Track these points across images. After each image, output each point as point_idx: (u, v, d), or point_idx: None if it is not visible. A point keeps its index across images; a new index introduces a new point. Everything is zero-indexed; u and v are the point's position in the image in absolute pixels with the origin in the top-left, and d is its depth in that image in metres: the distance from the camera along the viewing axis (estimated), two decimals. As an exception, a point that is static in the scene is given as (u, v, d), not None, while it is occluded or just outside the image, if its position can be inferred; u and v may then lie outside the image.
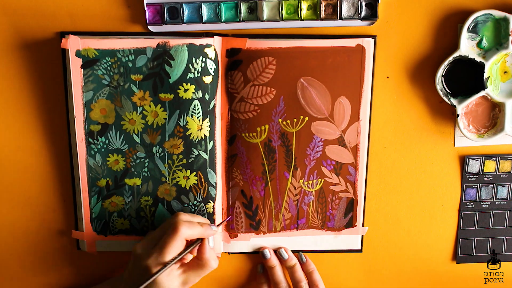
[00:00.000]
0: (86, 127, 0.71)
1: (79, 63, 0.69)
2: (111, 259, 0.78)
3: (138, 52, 0.69)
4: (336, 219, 0.77)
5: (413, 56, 0.73)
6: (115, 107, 0.71)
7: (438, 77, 0.71)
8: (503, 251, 0.80)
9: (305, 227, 0.77)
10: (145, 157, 0.72)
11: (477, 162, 0.76)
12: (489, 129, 0.74)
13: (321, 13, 0.69)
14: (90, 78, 0.70)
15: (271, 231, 0.76)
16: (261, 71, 0.71)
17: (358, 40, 0.70)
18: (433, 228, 0.79)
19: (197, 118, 0.71)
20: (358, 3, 0.69)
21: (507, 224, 0.79)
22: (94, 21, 0.70)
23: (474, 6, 0.71)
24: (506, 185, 0.78)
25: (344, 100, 0.72)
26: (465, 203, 0.78)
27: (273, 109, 0.72)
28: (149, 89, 0.70)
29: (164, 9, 0.68)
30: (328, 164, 0.74)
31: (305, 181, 0.75)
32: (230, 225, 0.76)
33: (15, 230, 0.76)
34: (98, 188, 0.73)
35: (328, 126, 0.73)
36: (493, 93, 0.72)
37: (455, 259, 0.80)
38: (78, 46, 0.69)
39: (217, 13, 0.69)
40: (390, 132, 0.75)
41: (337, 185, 0.75)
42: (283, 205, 0.76)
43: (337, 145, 0.74)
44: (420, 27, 0.72)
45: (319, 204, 0.76)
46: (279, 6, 0.69)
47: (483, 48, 0.71)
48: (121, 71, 0.69)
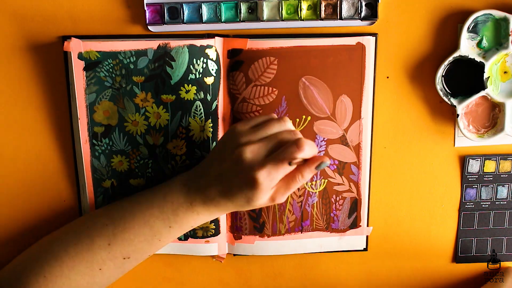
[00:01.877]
0: (89, 129, 0.70)
1: (81, 65, 0.68)
2: None
3: (139, 53, 0.68)
4: (340, 220, 0.75)
5: (413, 56, 0.72)
6: (118, 108, 0.69)
7: (438, 77, 0.70)
8: (503, 251, 0.79)
9: (310, 229, 0.75)
10: (149, 158, 0.71)
11: (477, 162, 0.75)
12: (489, 129, 0.73)
13: (321, 13, 0.68)
14: (92, 80, 0.68)
15: (275, 234, 0.75)
16: (263, 72, 0.70)
17: (358, 38, 0.69)
18: (433, 228, 0.77)
19: (199, 119, 0.70)
20: (358, 3, 0.68)
21: (507, 224, 0.78)
22: (95, 23, 0.69)
23: (474, 6, 0.70)
24: (506, 185, 0.76)
25: (346, 99, 0.71)
26: (465, 203, 0.77)
27: (275, 109, 0.71)
28: (151, 91, 0.69)
29: (164, 9, 0.67)
30: (331, 164, 0.73)
31: (309, 182, 0.73)
32: (235, 227, 0.75)
33: (19, 234, 0.74)
34: (103, 189, 0.72)
35: (330, 125, 0.72)
36: (493, 93, 0.71)
37: (455, 259, 0.79)
38: (80, 49, 0.67)
39: (217, 13, 0.68)
40: (390, 132, 0.74)
41: (340, 185, 0.74)
42: (287, 207, 0.74)
43: (339, 144, 0.72)
44: (420, 27, 0.71)
45: (323, 205, 0.74)
46: (279, 6, 0.68)
47: (483, 48, 0.70)
48: (123, 72, 0.68)
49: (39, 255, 0.64)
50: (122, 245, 0.64)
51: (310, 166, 0.59)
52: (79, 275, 0.63)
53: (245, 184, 0.58)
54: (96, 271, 0.64)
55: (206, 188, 0.62)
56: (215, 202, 0.62)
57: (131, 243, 0.64)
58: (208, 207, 0.63)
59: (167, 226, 0.64)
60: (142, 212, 0.64)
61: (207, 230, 0.73)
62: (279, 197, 0.61)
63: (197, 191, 0.62)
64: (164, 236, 0.65)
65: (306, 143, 0.58)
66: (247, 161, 0.58)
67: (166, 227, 0.64)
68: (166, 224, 0.64)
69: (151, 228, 0.64)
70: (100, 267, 0.64)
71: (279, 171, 0.58)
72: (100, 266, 0.64)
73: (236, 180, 0.59)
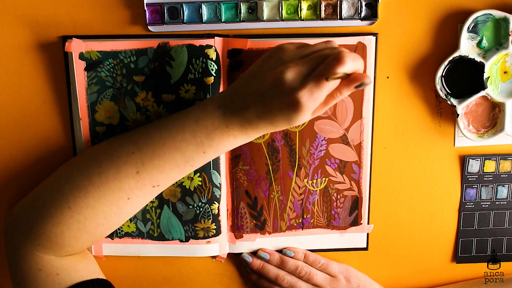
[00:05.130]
0: (91, 129, 0.68)
1: (82, 66, 0.67)
2: (119, 265, 0.75)
3: (139, 53, 0.67)
4: (341, 217, 0.74)
5: (413, 56, 0.70)
6: (119, 108, 0.68)
7: (438, 77, 0.69)
8: (503, 251, 0.77)
9: (311, 226, 0.74)
10: None
11: (477, 162, 0.74)
12: (489, 129, 0.72)
13: (321, 13, 0.67)
14: (93, 80, 0.67)
15: (276, 231, 0.74)
16: (263, 71, 0.68)
17: (359, 38, 0.68)
18: (433, 228, 0.76)
19: (199, 119, 0.68)
20: (358, 3, 0.67)
21: (507, 224, 0.76)
22: (95, 23, 0.68)
23: (474, 6, 0.68)
24: (506, 185, 0.75)
25: (347, 98, 0.69)
26: (465, 203, 0.75)
27: None
28: (151, 90, 0.68)
29: (164, 9, 0.66)
30: (332, 163, 0.72)
31: (309, 180, 0.72)
32: (236, 226, 0.73)
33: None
34: None
35: (331, 124, 0.70)
36: (493, 93, 0.70)
37: (455, 259, 0.77)
38: (81, 49, 0.66)
39: (217, 13, 0.67)
40: (390, 132, 0.72)
41: (341, 183, 0.72)
42: (287, 205, 0.73)
43: (340, 143, 0.71)
44: (420, 27, 0.69)
45: (323, 203, 0.73)
46: (279, 6, 0.67)
47: (483, 48, 0.69)
48: (124, 72, 0.67)
49: (62, 185, 0.60)
50: (151, 173, 0.59)
51: (349, 85, 0.53)
52: (106, 205, 0.59)
53: (287, 106, 0.53)
54: (124, 200, 0.60)
55: (244, 110, 0.56)
56: (253, 124, 0.56)
57: (162, 171, 0.59)
58: (246, 129, 0.57)
59: (201, 151, 0.59)
60: (173, 138, 0.59)
61: (208, 230, 0.72)
62: (318, 112, 0.56)
63: (234, 113, 0.57)
64: (197, 161, 0.60)
65: (348, 56, 0.52)
66: (288, 81, 0.53)
67: (200, 152, 0.59)
68: (200, 149, 0.58)
69: (183, 154, 0.59)
70: (128, 196, 0.60)
71: (322, 90, 0.53)
72: (128, 195, 0.60)
73: (277, 102, 0.54)
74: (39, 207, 0.60)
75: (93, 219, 0.59)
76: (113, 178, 0.59)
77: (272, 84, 0.54)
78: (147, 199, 0.61)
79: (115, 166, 0.59)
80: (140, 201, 0.61)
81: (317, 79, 0.52)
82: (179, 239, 0.71)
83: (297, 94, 0.52)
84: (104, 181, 0.59)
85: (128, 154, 0.59)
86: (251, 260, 0.72)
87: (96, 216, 0.59)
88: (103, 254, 0.73)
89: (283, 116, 0.54)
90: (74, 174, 0.60)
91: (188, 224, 0.71)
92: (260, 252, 0.73)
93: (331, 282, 0.71)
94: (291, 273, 0.71)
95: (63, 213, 0.59)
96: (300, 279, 0.71)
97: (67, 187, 0.59)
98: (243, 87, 0.57)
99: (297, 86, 0.52)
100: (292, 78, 0.53)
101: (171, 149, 0.58)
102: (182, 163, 0.59)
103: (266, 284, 0.72)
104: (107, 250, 0.73)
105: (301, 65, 0.53)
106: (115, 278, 0.75)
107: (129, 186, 0.59)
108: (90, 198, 0.59)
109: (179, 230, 0.71)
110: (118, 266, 0.75)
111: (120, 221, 0.62)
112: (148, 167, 0.59)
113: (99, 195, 0.59)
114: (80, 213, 0.59)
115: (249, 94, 0.56)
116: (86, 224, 0.59)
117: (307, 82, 0.52)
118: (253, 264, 0.72)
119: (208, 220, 0.71)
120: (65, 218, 0.59)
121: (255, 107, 0.55)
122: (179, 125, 0.59)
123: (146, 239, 0.72)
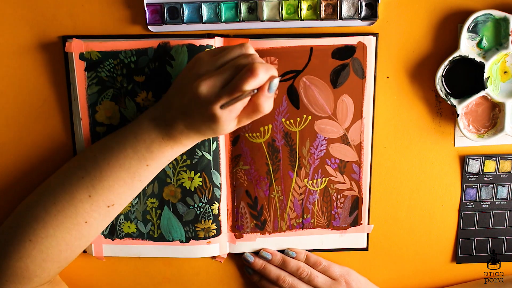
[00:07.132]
0: (92, 129, 0.68)
1: (83, 66, 0.66)
2: (119, 266, 0.74)
3: (139, 53, 0.66)
4: (342, 217, 0.73)
5: (413, 56, 0.70)
6: (119, 108, 0.68)
7: (438, 77, 0.68)
8: (503, 251, 0.76)
9: (311, 226, 0.73)
10: None
11: (477, 162, 0.73)
12: (489, 129, 0.71)
13: (321, 13, 0.66)
14: (94, 81, 0.67)
15: (276, 231, 0.73)
16: (263, 71, 0.67)
17: (359, 38, 0.67)
18: (433, 228, 0.75)
19: (200, 119, 0.67)
20: (358, 3, 0.66)
21: (507, 224, 0.75)
22: (95, 23, 0.67)
23: (474, 6, 0.68)
24: (506, 185, 0.74)
25: (347, 98, 0.69)
26: (465, 203, 0.74)
27: (276, 109, 0.69)
28: (152, 90, 0.67)
29: (164, 9, 0.66)
30: (332, 163, 0.71)
31: (310, 180, 0.71)
32: (236, 226, 0.72)
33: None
34: None
35: (332, 124, 0.70)
36: (493, 93, 0.69)
37: (455, 259, 0.76)
38: (81, 49, 0.66)
39: (217, 13, 0.66)
40: (390, 132, 0.72)
41: (341, 183, 0.72)
42: (288, 204, 0.72)
43: (340, 143, 0.70)
44: (420, 27, 0.69)
45: (324, 203, 0.72)
46: (279, 6, 0.66)
47: (483, 48, 0.68)
48: (124, 72, 0.66)
49: (20, 220, 0.61)
50: (103, 194, 0.60)
51: (263, 91, 0.54)
52: (66, 232, 0.60)
53: (207, 118, 0.55)
54: (82, 224, 0.60)
55: (173, 122, 0.58)
56: (184, 134, 0.58)
57: (112, 190, 0.60)
58: (180, 139, 0.59)
59: (144, 165, 0.60)
60: (116, 157, 0.60)
61: (209, 230, 0.71)
62: (244, 121, 0.57)
63: (165, 125, 0.59)
64: (144, 175, 0.61)
65: (261, 67, 0.53)
66: (203, 95, 0.54)
67: (143, 166, 0.60)
68: (142, 163, 0.60)
69: (128, 170, 0.60)
70: (85, 220, 0.60)
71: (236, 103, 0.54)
72: (85, 219, 0.60)
73: (198, 115, 0.55)
74: (1, 245, 0.60)
75: (55, 247, 0.60)
76: (68, 205, 0.59)
77: (191, 98, 0.55)
78: (106, 219, 0.62)
79: (68, 193, 0.60)
80: (99, 223, 0.62)
81: (230, 93, 0.53)
82: (180, 239, 0.71)
83: (212, 108, 0.54)
84: (60, 209, 0.59)
85: (78, 180, 0.60)
86: (253, 260, 0.72)
87: (58, 244, 0.60)
88: (103, 255, 0.72)
89: (207, 127, 0.56)
90: (32, 206, 0.61)
91: (188, 224, 0.70)
92: (262, 251, 0.72)
93: (331, 285, 0.71)
94: (292, 274, 0.71)
95: (25, 247, 0.59)
96: (301, 281, 0.70)
97: (25, 221, 0.60)
98: (169, 99, 0.59)
99: (212, 100, 0.54)
100: (206, 92, 0.54)
101: (116, 168, 0.60)
102: (130, 179, 0.60)
103: (267, 285, 0.72)
104: (108, 251, 0.72)
105: (215, 78, 0.54)
106: (116, 279, 0.74)
107: (84, 210, 0.60)
108: (49, 227, 0.59)
109: (180, 230, 0.70)
110: (118, 267, 0.74)
111: (82, 244, 0.62)
112: (99, 189, 0.60)
113: (57, 224, 0.59)
114: (41, 243, 0.59)
115: (175, 107, 0.58)
116: (49, 253, 0.60)
117: (220, 96, 0.53)
118: (255, 264, 0.72)
119: (208, 220, 0.70)
120: (27, 251, 0.59)
121: (181, 119, 0.57)
122: (120, 143, 0.60)
123: (147, 240, 0.71)
